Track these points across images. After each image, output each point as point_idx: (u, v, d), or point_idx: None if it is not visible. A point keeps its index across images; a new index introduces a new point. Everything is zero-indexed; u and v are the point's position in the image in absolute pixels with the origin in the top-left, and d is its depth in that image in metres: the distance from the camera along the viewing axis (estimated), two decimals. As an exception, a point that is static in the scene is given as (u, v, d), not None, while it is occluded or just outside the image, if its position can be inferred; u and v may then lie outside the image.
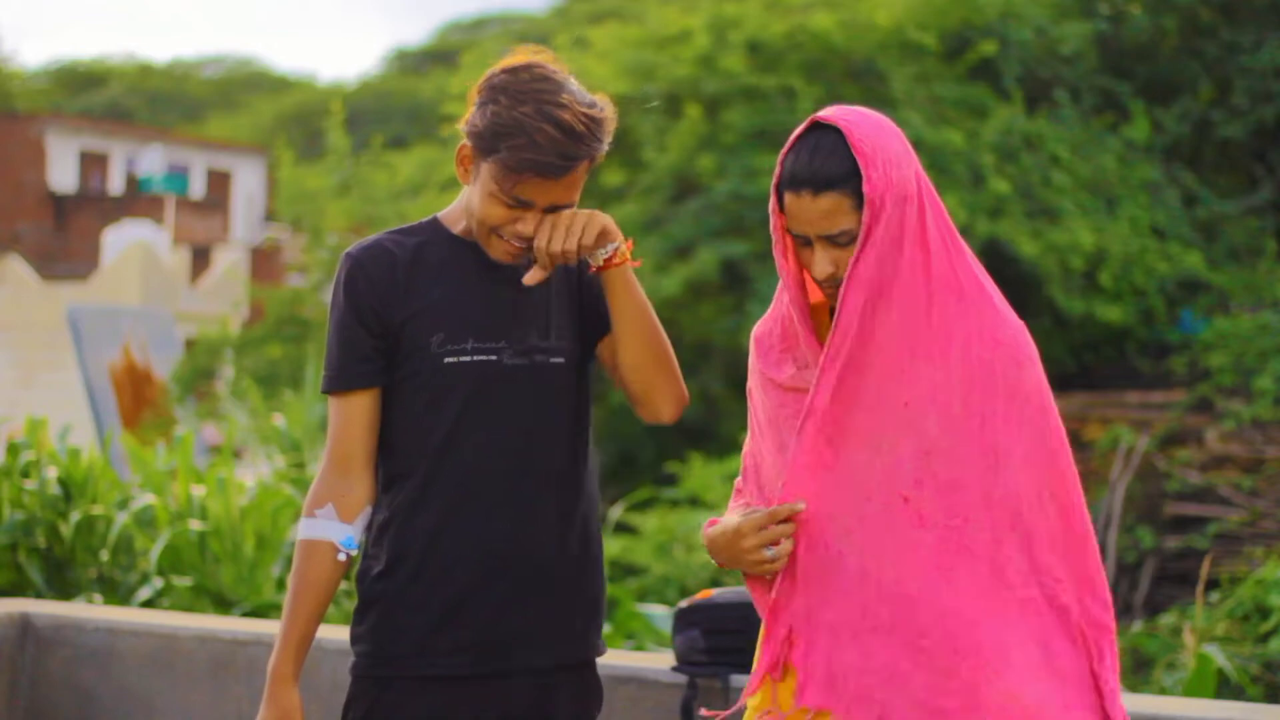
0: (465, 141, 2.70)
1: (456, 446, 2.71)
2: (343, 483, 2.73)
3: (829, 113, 2.51)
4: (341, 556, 2.72)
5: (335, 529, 2.72)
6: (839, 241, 2.47)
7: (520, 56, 2.69)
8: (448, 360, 2.71)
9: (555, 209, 2.66)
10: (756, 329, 2.69)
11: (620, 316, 2.74)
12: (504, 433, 2.71)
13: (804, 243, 2.52)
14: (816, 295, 2.61)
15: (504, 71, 2.67)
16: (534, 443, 2.74)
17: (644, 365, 2.76)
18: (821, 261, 2.49)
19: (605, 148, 2.67)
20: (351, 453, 2.73)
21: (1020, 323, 2.52)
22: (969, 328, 2.47)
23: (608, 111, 2.67)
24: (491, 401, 2.71)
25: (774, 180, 2.53)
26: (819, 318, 2.62)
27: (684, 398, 2.81)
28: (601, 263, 2.72)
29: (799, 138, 2.51)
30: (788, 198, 2.49)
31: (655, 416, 2.81)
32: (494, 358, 2.71)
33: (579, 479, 2.80)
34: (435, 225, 2.80)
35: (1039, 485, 2.46)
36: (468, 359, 2.71)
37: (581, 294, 2.82)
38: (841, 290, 2.47)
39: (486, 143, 2.64)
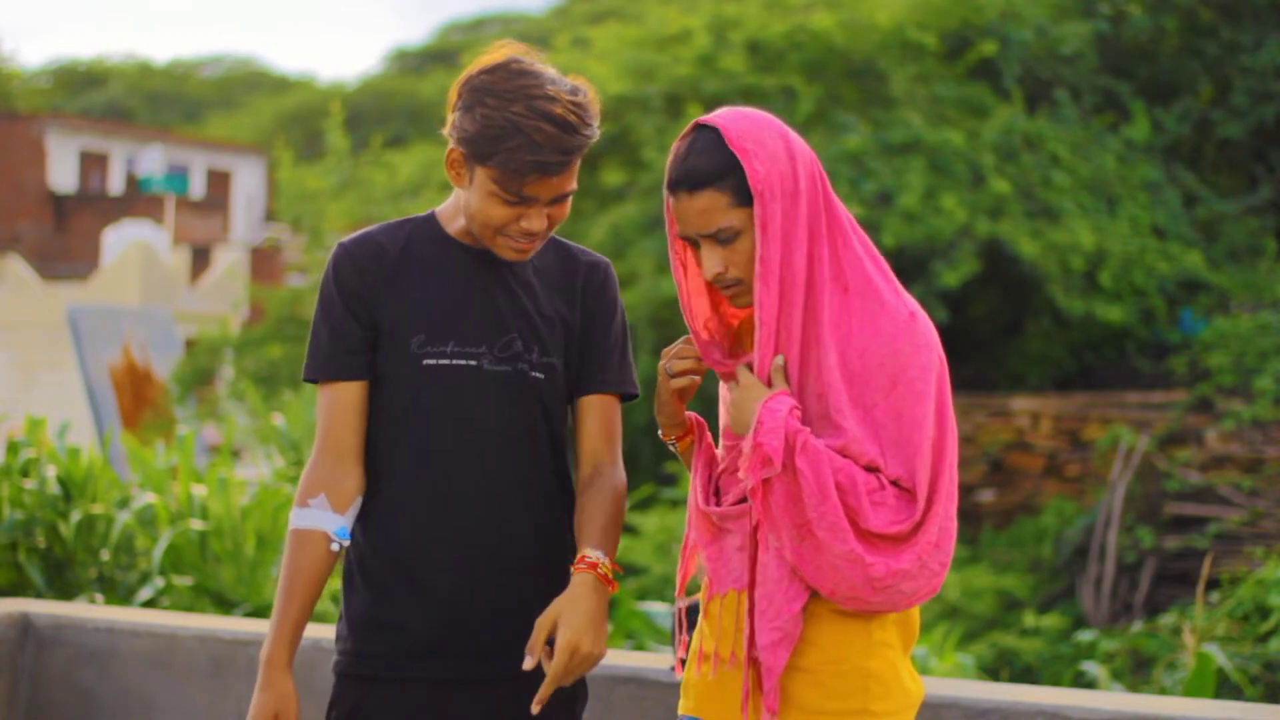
0: (454, 147, 2.67)
1: (434, 451, 2.70)
2: (335, 472, 2.72)
3: (713, 114, 2.55)
4: (334, 546, 2.71)
5: (328, 519, 2.71)
6: (721, 239, 2.51)
7: (495, 54, 2.67)
8: (427, 362, 2.70)
9: (559, 199, 2.66)
10: None
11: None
12: (481, 439, 2.70)
13: (694, 244, 2.56)
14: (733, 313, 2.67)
15: (482, 72, 2.64)
16: (512, 451, 2.73)
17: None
18: (709, 260, 2.53)
19: (597, 131, 2.66)
20: (343, 442, 2.72)
21: (910, 311, 2.53)
22: (852, 320, 2.51)
23: (591, 94, 2.66)
24: (470, 407, 2.70)
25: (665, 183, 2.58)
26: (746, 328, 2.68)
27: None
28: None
29: (680, 139, 2.55)
30: (671, 200, 2.55)
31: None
32: (474, 363, 2.70)
33: (555, 488, 2.79)
34: (430, 221, 2.79)
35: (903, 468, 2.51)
36: (446, 362, 2.70)
37: (580, 346, 2.80)
38: (756, 286, 2.50)
39: (480, 147, 2.61)
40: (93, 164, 35.37)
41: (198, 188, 36.55)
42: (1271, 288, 13.61)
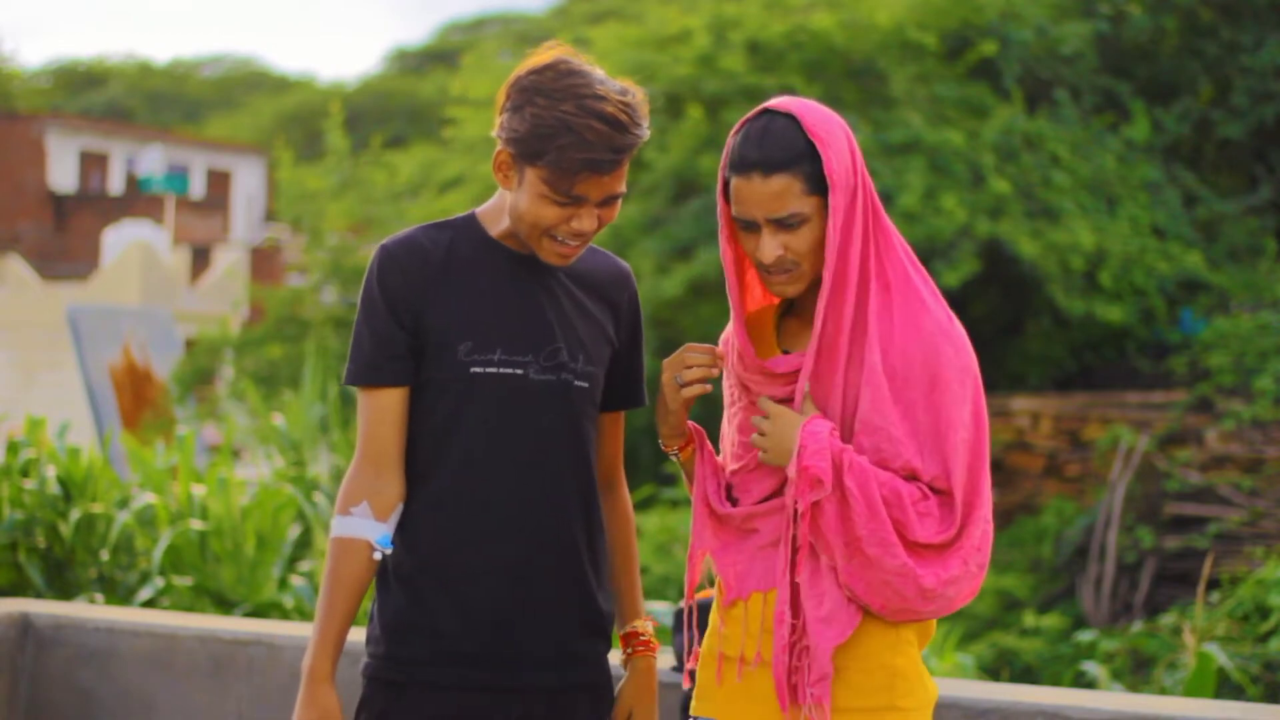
0: (502, 148, 2.65)
1: (478, 458, 2.68)
2: (377, 480, 2.70)
3: (781, 100, 2.55)
4: (377, 555, 2.69)
5: (371, 527, 2.69)
6: (789, 224, 2.51)
7: (543, 55, 2.66)
8: (474, 370, 2.68)
9: (609, 200, 2.65)
10: (722, 335, 2.76)
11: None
12: (526, 448, 2.69)
13: (748, 228, 2.54)
14: (755, 301, 2.67)
15: (531, 72, 2.63)
16: (554, 460, 2.71)
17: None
18: (769, 245, 2.51)
19: (647, 132, 2.65)
20: (385, 450, 2.70)
21: (948, 314, 2.55)
22: (894, 318, 2.52)
23: (639, 95, 2.66)
24: (515, 415, 2.69)
25: (721, 164, 2.56)
26: (761, 322, 2.67)
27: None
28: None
29: (749, 121, 2.54)
30: (736, 181, 2.53)
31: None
32: (520, 371, 2.69)
33: (594, 500, 2.78)
34: (471, 223, 2.76)
35: (938, 468, 2.52)
36: (494, 370, 2.68)
37: (619, 361, 2.82)
38: (825, 276, 2.50)
39: (531, 146, 2.59)
40: (93, 164, 35.37)
41: (198, 188, 36.55)
42: (1271, 288, 13.61)
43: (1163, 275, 13.82)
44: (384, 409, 2.69)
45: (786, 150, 2.49)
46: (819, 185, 2.50)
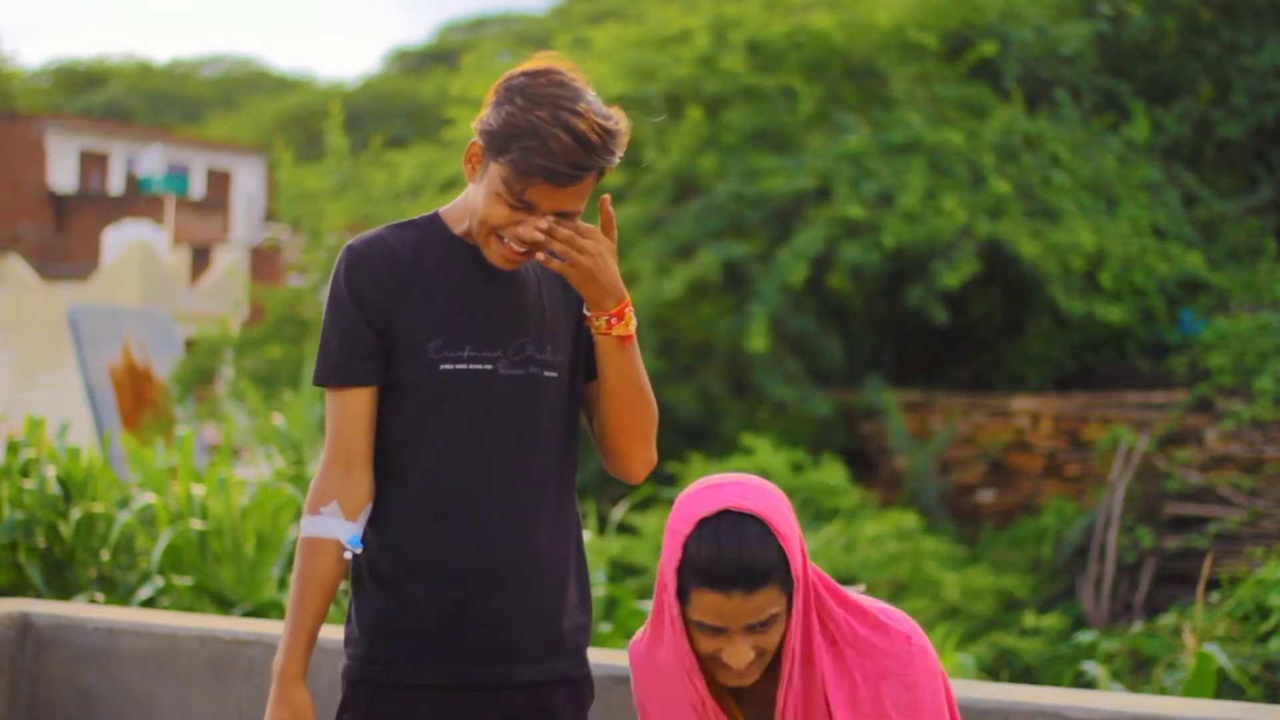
0: (476, 139, 2.67)
1: (451, 456, 2.69)
2: (346, 480, 2.71)
3: (736, 496, 2.47)
4: (347, 554, 2.70)
5: (340, 527, 2.70)
6: (764, 626, 2.46)
7: (540, 61, 2.67)
8: (444, 367, 2.69)
9: (561, 216, 2.64)
10: (639, 651, 2.65)
11: (608, 382, 2.74)
12: (498, 444, 2.70)
13: (715, 632, 2.47)
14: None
15: (523, 74, 2.65)
16: (526, 455, 2.72)
17: (625, 431, 2.76)
18: (743, 650, 2.46)
19: (616, 160, 2.64)
20: (353, 449, 2.71)
21: (905, 634, 2.52)
22: (854, 673, 2.49)
23: (622, 125, 2.65)
24: (486, 412, 2.70)
25: (675, 565, 2.47)
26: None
27: (654, 461, 2.82)
28: (603, 326, 2.70)
29: (710, 525, 2.45)
30: (709, 596, 2.44)
31: (624, 475, 2.82)
32: (490, 367, 2.70)
33: (569, 493, 2.78)
34: (435, 222, 2.77)
35: None
36: (464, 367, 2.69)
37: (583, 330, 2.81)
38: (786, 669, 2.48)
39: (498, 142, 2.61)
40: (93, 164, 35.35)
41: (198, 188, 36.54)
42: (1271, 288, 13.61)
43: (1163, 275, 13.83)
44: (352, 408, 2.71)
45: (766, 564, 2.43)
46: (790, 584, 2.47)
